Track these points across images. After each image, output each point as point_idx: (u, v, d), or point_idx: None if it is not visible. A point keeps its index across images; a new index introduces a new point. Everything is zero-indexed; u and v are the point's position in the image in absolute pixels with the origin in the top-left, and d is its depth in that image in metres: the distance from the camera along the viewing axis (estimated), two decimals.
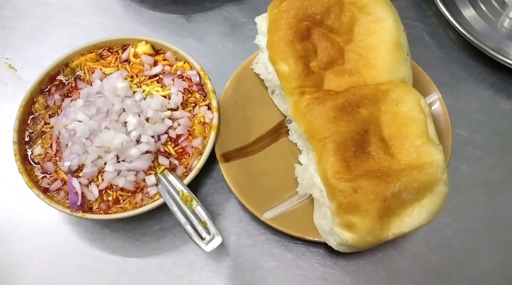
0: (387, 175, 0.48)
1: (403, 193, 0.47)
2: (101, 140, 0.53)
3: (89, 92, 0.57)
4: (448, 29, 0.73)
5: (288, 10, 0.56)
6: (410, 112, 0.52)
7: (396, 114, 0.52)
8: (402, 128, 0.51)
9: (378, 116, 0.52)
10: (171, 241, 0.58)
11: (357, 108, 0.52)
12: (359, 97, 0.52)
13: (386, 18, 0.56)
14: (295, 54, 0.55)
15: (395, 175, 0.48)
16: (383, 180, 0.48)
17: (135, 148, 0.54)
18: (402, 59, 0.55)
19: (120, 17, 0.76)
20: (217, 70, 0.68)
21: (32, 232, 0.59)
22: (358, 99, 0.52)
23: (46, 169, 0.56)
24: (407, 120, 0.52)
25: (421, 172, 0.48)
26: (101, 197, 0.54)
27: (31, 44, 0.74)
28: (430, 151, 0.50)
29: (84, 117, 0.55)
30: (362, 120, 0.51)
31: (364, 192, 0.47)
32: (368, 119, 0.52)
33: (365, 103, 0.52)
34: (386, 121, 0.52)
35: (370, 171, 0.49)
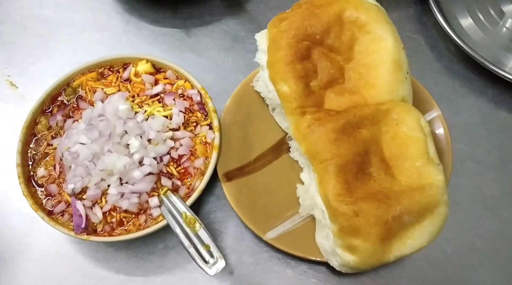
0: (388, 197, 0.49)
1: (404, 216, 0.48)
2: (104, 164, 0.54)
3: (91, 115, 0.58)
4: (447, 42, 0.73)
5: (288, 30, 0.56)
6: (410, 132, 0.52)
7: (397, 134, 0.52)
8: (403, 148, 0.52)
9: (379, 136, 0.53)
10: (175, 259, 0.59)
11: (357, 128, 0.52)
12: (359, 117, 0.53)
13: (386, 37, 0.56)
14: (295, 75, 0.55)
15: (396, 197, 0.49)
16: (384, 203, 0.48)
17: (138, 171, 0.54)
18: (402, 78, 0.56)
19: (120, 32, 0.76)
20: (218, 86, 0.69)
21: (37, 252, 0.60)
22: (359, 119, 0.53)
23: (50, 191, 0.57)
24: (408, 140, 0.52)
25: (421, 194, 0.48)
26: (105, 219, 0.55)
27: (32, 60, 0.74)
28: (431, 172, 0.50)
29: (87, 140, 0.55)
30: (363, 141, 0.52)
31: (366, 215, 0.47)
32: (369, 139, 0.52)
33: (366, 124, 0.53)
34: (387, 141, 0.53)
35: (371, 193, 0.49)
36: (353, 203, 0.48)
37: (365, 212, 0.47)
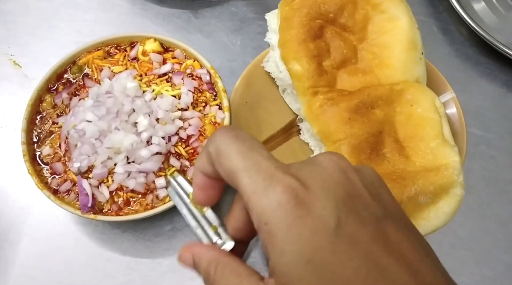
0: (402, 178, 0.48)
1: (419, 196, 0.47)
2: (111, 141, 0.52)
3: (98, 92, 0.56)
4: (460, 25, 0.72)
5: (301, 8, 0.55)
6: (425, 113, 0.51)
7: (411, 115, 0.51)
8: (417, 129, 0.51)
9: (393, 117, 0.52)
10: (182, 241, 0.58)
11: (371, 109, 0.51)
12: (373, 98, 0.52)
13: (401, 17, 0.55)
14: (308, 54, 0.54)
15: (410, 178, 0.48)
16: (398, 184, 0.47)
17: (146, 150, 0.53)
18: (417, 59, 0.55)
19: (126, 12, 0.75)
20: (226, 67, 0.67)
21: (41, 232, 0.59)
22: (373, 100, 0.52)
23: (55, 170, 0.55)
24: (422, 121, 0.51)
25: (437, 175, 0.48)
26: (111, 199, 0.54)
27: (35, 40, 0.73)
28: (446, 153, 0.49)
29: (93, 118, 0.54)
30: (377, 122, 0.51)
31: None
32: (383, 120, 0.51)
33: (380, 104, 0.52)
34: (401, 122, 0.52)
35: (385, 174, 0.48)
36: None
37: None
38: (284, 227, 0.28)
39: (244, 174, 0.30)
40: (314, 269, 0.27)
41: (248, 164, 0.30)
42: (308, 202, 0.28)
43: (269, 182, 0.29)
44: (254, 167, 0.30)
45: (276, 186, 0.29)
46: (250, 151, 0.31)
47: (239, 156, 0.31)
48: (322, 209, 0.28)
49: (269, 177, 0.29)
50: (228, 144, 0.32)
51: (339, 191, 0.30)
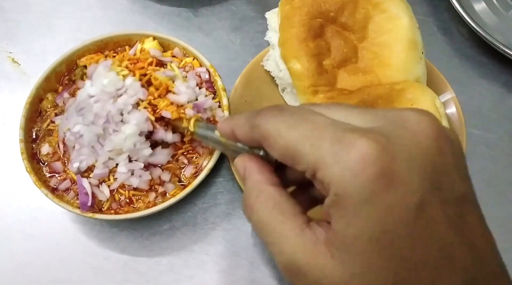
0: None
1: None
2: (112, 143, 0.52)
3: (80, 98, 0.53)
4: (460, 25, 0.72)
5: (301, 7, 0.55)
6: None
7: None
8: None
9: None
10: (181, 240, 0.58)
11: (371, 108, 0.51)
12: (373, 97, 0.52)
13: (401, 16, 0.54)
14: (308, 52, 0.54)
15: None
16: None
17: (148, 149, 0.53)
18: (417, 58, 0.54)
19: (126, 10, 0.74)
20: (226, 66, 0.67)
21: (39, 231, 0.58)
22: (373, 99, 0.52)
23: (54, 169, 0.55)
24: None
25: None
26: (112, 197, 0.53)
27: (34, 37, 0.72)
28: None
29: (83, 125, 0.52)
30: None
31: None
32: None
33: (380, 103, 0.52)
34: None
35: None
36: None
37: None
38: (357, 201, 0.24)
39: (303, 144, 0.26)
40: (380, 249, 0.25)
41: (304, 133, 0.27)
42: (390, 175, 0.24)
43: (340, 146, 0.25)
44: (314, 133, 0.26)
45: (349, 150, 0.24)
46: (303, 121, 0.27)
47: (291, 130, 0.27)
48: (405, 184, 0.24)
49: (338, 141, 0.25)
50: (273, 123, 0.29)
51: (428, 165, 0.25)
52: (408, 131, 0.26)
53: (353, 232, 0.25)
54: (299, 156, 0.26)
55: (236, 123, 0.34)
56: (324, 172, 0.25)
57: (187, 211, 0.59)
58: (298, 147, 0.27)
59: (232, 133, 0.35)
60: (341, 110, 0.29)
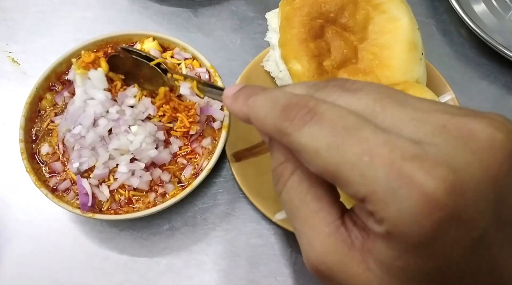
0: None
1: None
2: (118, 142, 0.52)
3: (74, 108, 0.54)
4: (459, 27, 0.72)
5: (302, 7, 0.55)
6: None
7: None
8: None
9: None
10: (180, 240, 0.58)
11: None
12: None
13: (401, 17, 0.55)
14: (309, 53, 0.54)
15: None
16: None
17: (154, 150, 0.53)
18: (417, 59, 0.54)
19: (126, 10, 0.74)
20: (226, 66, 0.67)
21: (39, 231, 0.58)
22: None
23: (54, 169, 0.55)
24: None
25: None
26: (112, 197, 0.53)
27: (34, 37, 0.72)
28: None
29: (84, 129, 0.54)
30: None
31: None
32: None
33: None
34: None
35: None
36: None
37: None
38: (413, 244, 0.22)
39: (351, 171, 0.22)
40: (427, 281, 0.23)
41: (351, 158, 0.22)
42: (455, 218, 0.21)
43: (398, 183, 0.21)
44: (365, 160, 0.22)
45: (411, 191, 0.21)
46: (348, 139, 0.23)
47: (333, 152, 0.23)
48: (468, 223, 0.21)
49: (395, 174, 0.21)
50: (310, 137, 0.24)
51: (492, 193, 0.22)
52: (477, 157, 0.22)
53: (401, 264, 0.23)
54: (345, 182, 0.23)
55: (255, 112, 0.28)
56: (377, 208, 0.22)
57: (187, 211, 0.59)
58: (343, 174, 0.23)
59: (247, 118, 0.30)
60: (388, 112, 0.24)
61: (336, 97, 0.26)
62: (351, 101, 0.25)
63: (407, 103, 0.25)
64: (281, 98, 0.27)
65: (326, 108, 0.24)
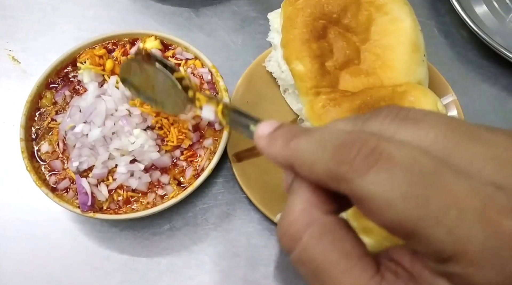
0: None
1: None
2: (120, 142, 0.52)
3: (86, 105, 0.55)
4: (461, 28, 0.72)
5: (304, 8, 0.55)
6: None
7: None
8: None
9: None
10: (181, 241, 0.58)
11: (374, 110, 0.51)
12: (376, 99, 0.52)
13: (404, 19, 0.54)
14: (311, 54, 0.54)
15: None
16: None
17: (156, 153, 0.53)
18: (419, 61, 0.54)
19: (127, 9, 0.74)
20: (227, 67, 0.67)
21: (39, 230, 0.58)
22: (375, 101, 0.51)
23: (53, 167, 0.55)
24: None
25: None
26: (111, 197, 0.53)
27: (35, 35, 0.72)
28: None
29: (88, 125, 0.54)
30: None
31: None
32: None
33: (382, 105, 0.51)
34: None
35: None
36: None
37: None
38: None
39: (435, 227, 0.19)
40: None
41: (434, 210, 0.19)
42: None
43: (500, 243, 0.18)
44: (451, 215, 0.19)
45: (498, 235, 0.18)
46: (429, 188, 0.20)
47: (410, 204, 0.20)
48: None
49: (495, 232, 0.19)
50: (379, 184, 0.20)
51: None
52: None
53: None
54: (425, 240, 0.19)
55: (300, 156, 0.24)
56: (469, 271, 0.19)
57: (188, 211, 0.59)
58: (424, 230, 0.19)
59: (290, 166, 0.25)
60: (462, 148, 0.21)
61: (394, 130, 0.22)
62: (416, 135, 0.21)
63: (481, 137, 0.21)
64: (331, 138, 0.23)
65: (393, 147, 0.20)
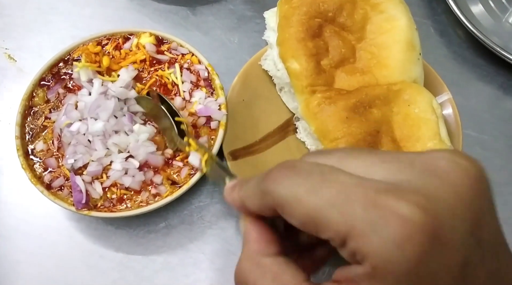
0: None
1: None
2: (118, 138, 0.52)
3: (90, 100, 0.55)
4: (457, 27, 0.72)
5: (300, 6, 0.55)
6: (422, 114, 0.51)
7: (408, 115, 0.51)
8: (414, 129, 0.51)
9: (390, 116, 0.52)
10: (176, 239, 0.58)
11: (369, 108, 0.51)
12: (371, 97, 0.52)
13: (400, 17, 0.55)
14: (307, 52, 0.54)
15: None
16: None
17: (152, 146, 0.54)
18: (415, 59, 0.55)
19: (123, 7, 0.74)
20: (223, 65, 0.67)
21: (34, 228, 0.58)
22: (370, 99, 0.52)
23: (48, 165, 0.55)
24: (419, 122, 0.51)
25: None
26: (105, 195, 0.53)
27: (31, 34, 0.72)
28: None
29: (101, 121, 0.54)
30: (374, 121, 0.51)
31: None
32: (380, 119, 0.51)
33: (377, 104, 0.52)
34: (398, 122, 0.52)
35: None
36: None
37: None
38: (400, 274, 0.22)
39: (330, 211, 0.23)
40: None
41: (329, 198, 0.23)
42: (436, 239, 0.22)
43: (376, 213, 0.22)
44: (341, 198, 0.23)
45: (389, 218, 0.22)
46: (325, 183, 0.24)
47: (311, 195, 0.24)
48: (449, 245, 0.22)
49: (372, 206, 0.22)
50: (290, 188, 0.25)
51: (468, 215, 0.23)
52: (445, 182, 0.24)
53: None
54: (326, 224, 0.23)
55: (244, 195, 0.29)
56: (360, 243, 0.22)
57: (183, 209, 0.59)
58: (323, 215, 0.23)
59: (243, 206, 0.30)
60: (360, 160, 0.26)
61: (312, 158, 0.28)
62: (325, 158, 0.27)
63: (376, 152, 0.27)
64: (262, 174, 0.28)
65: (302, 162, 0.26)
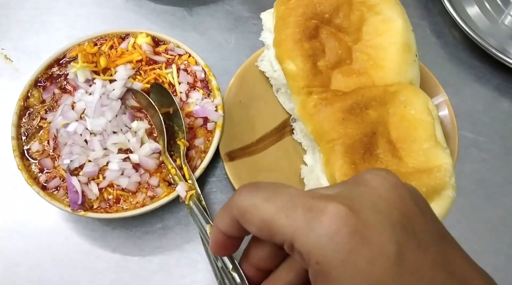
0: None
1: None
2: (117, 137, 0.53)
3: (93, 100, 0.55)
4: (453, 29, 0.73)
5: (297, 7, 0.55)
6: (418, 115, 0.51)
7: (404, 116, 0.52)
8: (410, 130, 0.51)
9: (386, 118, 0.52)
10: (173, 239, 0.58)
11: (365, 109, 0.51)
12: (367, 98, 0.52)
13: (396, 19, 0.55)
14: (303, 53, 0.54)
15: (403, 179, 0.47)
16: None
17: (150, 144, 0.54)
18: (411, 61, 0.55)
19: (120, 8, 0.74)
20: (220, 66, 0.67)
21: (31, 229, 0.58)
22: (367, 100, 0.52)
23: (44, 166, 0.55)
24: (415, 123, 0.51)
25: (429, 177, 0.48)
26: (101, 196, 0.53)
27: (28, 34, 0.72)
28: (438, 155, 0.49)
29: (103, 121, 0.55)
30: (371, 122, 0.51)
31: None
32: (376, 121, 0.51)
33: (374, 105, 0.52)
34: (394, 123, 0.52)
35: None
36: None
37: None
38: (338, 263, 0.25)
39: (279, 216, 0.27)
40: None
41: (279, 205, 0.27)
42: (362, 230, 0.25)
43: (312, 214, 0.26)
44: (288, 205, 0.27)
45: (321, 217, 0.25)
46: (277, 194, 0.28)
47: (266, 203, 0.28)
48: (379, 235, 0.25)
49: (309, 209, 0.26)
50: (249, 198, 0.29)
51: (394, 212, 0.26)
52: (368, 188, 0.28)
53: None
54: (276, 228, 0.27)
55: (217, 219, 0.33)
56: (302, 241, 0.26)
57: (180, 210, 0.59)
58: (274, 220, 0.27)
59: (223, 247, 0.34)
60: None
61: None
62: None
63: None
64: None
65: (263, 182, 0.31)
